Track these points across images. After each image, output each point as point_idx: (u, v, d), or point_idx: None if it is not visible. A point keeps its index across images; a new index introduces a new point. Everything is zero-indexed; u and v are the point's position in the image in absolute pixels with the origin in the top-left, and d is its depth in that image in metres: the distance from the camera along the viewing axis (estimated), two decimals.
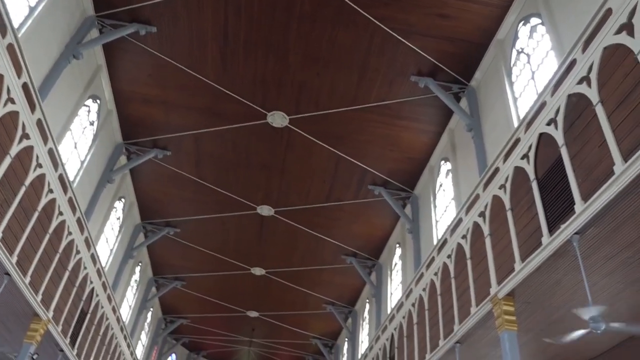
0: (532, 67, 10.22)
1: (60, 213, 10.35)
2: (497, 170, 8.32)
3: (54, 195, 9.90)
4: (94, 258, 12.95)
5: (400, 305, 13.17)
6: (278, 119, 14.25)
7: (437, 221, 14.16)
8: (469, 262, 8.99)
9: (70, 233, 11.02)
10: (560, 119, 6.57)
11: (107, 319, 15.06)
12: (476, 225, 8.91)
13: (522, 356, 7.97)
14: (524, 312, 7.63)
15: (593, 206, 5.61)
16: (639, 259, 6.34)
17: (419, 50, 12.04)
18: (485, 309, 7.93)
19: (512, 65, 11.08)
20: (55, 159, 9.67)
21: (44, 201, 9.47)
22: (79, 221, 11.41)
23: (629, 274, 6.62)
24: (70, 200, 10.70)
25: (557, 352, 8.92)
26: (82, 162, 13.61)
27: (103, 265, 14.02)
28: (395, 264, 17.95)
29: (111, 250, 17.18)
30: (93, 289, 13.31)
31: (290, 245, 19.50)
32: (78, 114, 12.84)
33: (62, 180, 10.17)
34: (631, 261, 6.38)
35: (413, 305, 11.98)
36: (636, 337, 8.07)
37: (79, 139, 13.32)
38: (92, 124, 13.85)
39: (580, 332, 6.00)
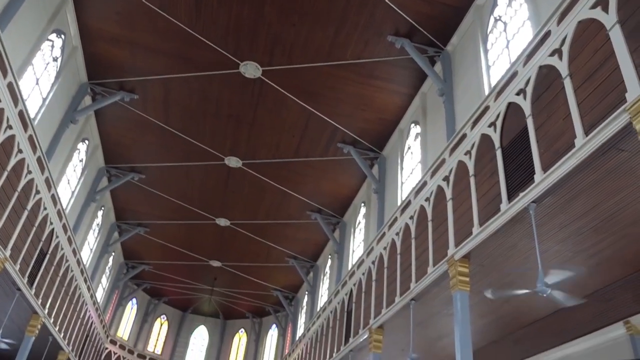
0: (507, 36, 10.26)
1: (20, 151, 10.03)
2: (464, 136, 8.45)
3: (13, 132, 9.56)
4: (55, 199, 12.69)
5: (360, 262, 13.51)
6: (251, 70, 13.97)
7: (402, 183, 14.40)
8: (429, 224, 9.24)
9: (30, 172, 10.73)
10: (529, 89, 6.67)
11: (67, 260, 14.94)
12: (440, 189, 9.11)
13: (472, 316, 8.35)
14: (477, 274, 7.95)
15: (552, 177, 5.80)
16: (590, 229, 6.65)
17: (397, 10, 11.88)
18: (441, 269, 8.23)
19: (488, 32, 11.09)
20: (15, 94, 9.28)
21: (1, 137, 9.14)
22: (39, 160, 11.10)
23: (579, 242, 6.96)
24: (30, 138, 10.36)
25: (505, 313, 9.40)
26: (44, 100, 13.10)
27: (64, 207, 13.77)
28: (359, 223, 18.28)
29: (73, 192, 16.85)
30: (53, 230, 13.11)
31: (257, 198, 19.53)
32: (41, 49, 12.25)
33: (22, 116, 9.80)
34: (582, 231, 6.69)
35: (373, 263, 12.30)
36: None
37: (41, 75, 12.77)
38: (55, 60, 13.26)
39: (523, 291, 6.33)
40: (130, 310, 28.17)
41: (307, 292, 24.17)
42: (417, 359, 8.98)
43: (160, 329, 29.94)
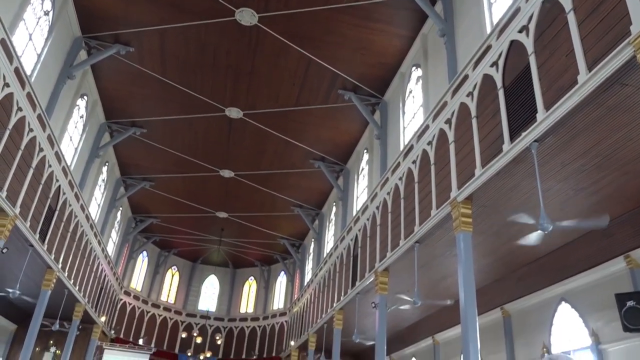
0: None
1: (20, 109, 9.99)
2: (466, 77, 8.33)
3: (11, 90, 9.49)
4: (59, 156, 12.75)
5: (365, 208, 13.68)
6: (247, 17, 13.62)
7: (404, 127, 14.33)
8: (432, 168, 9.28)
9: (31, 130, 10.73)
10: (532, 26, 6.52)
11: (75, 216, 15.18)
12: (442, 132, 9.09)
13: (475, 256, 8.51)
14: (480, 215, 8.06)
15: (554, 115, 5.77)
16: (592, 166, 6.68)
17: None
18: (444, 211, 8.34)
19: None
20: (8, 50, 9.14)
21: (0, 95, 9.08)
22: (39, 118, 11.07)
23: (580, 180, 7.01)
24: (28, 96, 10.29)
25: (507, 251, 9.58)
26: (39, 56, 12.89)
27: (68, 164, 13.85)
28: (362, 169, 18.35)
29: (76, 149, 16.87)
30: (60, 186, 13.25)
31: (259, 148, 19.53)
32: (31, 2, 11.93)
33: (19, 73, 9.70)
34: (584, 169, 6.72)
35: (377, 208, 12.45)
36: (575, 239, 8.71)
37: (34, 31, 12.51)
38: (47, 14, 12.94)
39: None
40: (142, 263, 28.84)
41: (313, 239, 24.60)
42: (418, 303, 9.28)
43: (172, 280, 30.76)
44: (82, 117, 16.95)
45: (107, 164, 20.66)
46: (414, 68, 14.27)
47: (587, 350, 8.84)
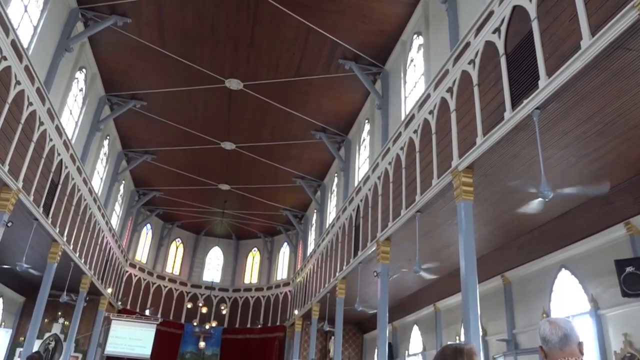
0: None
1: (18, 82, 9.93)
2: (468, 44, 8.22)
3: (9, 63, 9.41)
4: (59, 130, 12.73)
5: (366, 179, 13.71)
6: None
7: (406, 97, 14.22)
8: (433, 137, 9.25)
9: (31, 103, 10.69)
10: None
11: (79, 190, 15.25)
12: (443, 101, 9.02)
13: (476, 224, 8.56)
14: (481, 183, 8.07)
15: (556, 81, 5.71)
16: (594, 133, 6.65)
17: None
18: (445, 180, 8.35)
19: None
20: (4, 23, 9.02)
21: None
22: (38, 91, 11.01)
23: (582, 147, 6.98)
24: (26, 69, 10.21)
25: (508, 220, 9.63)
26: (35, 28, 12.72)
27: (69, 137, 13.83)
28: (364, 139, 18.29)
29: (76, 122, 16.81)
30: (61, 160, 13.27)
31: (260, 119, 19.43)
32: None
33: (16, 46, 9.60)
34: (586, 135, 6.69)
35: (379, 178, 12.47)
36: (576, 206, 8.73)
37: (29, 2, 12.32)
38: None
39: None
40: (146, 236, 29.08)
41: (315, 210, 24.72)
42: (420, 271, 9.39)
43: (176, 252, 31.07)
44: (81, 90, 16.84)
45: (108, 137, 20.62)
46: (415, 36, 14.07)
47: (586, 315, 8.98)
